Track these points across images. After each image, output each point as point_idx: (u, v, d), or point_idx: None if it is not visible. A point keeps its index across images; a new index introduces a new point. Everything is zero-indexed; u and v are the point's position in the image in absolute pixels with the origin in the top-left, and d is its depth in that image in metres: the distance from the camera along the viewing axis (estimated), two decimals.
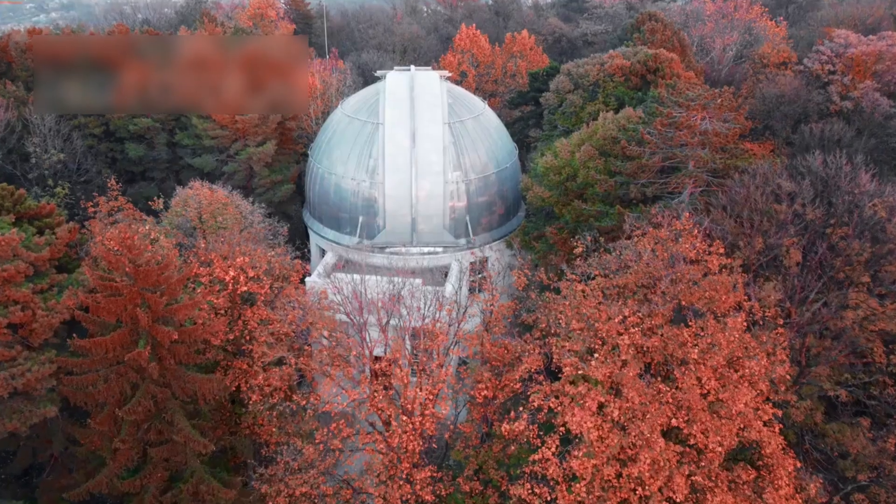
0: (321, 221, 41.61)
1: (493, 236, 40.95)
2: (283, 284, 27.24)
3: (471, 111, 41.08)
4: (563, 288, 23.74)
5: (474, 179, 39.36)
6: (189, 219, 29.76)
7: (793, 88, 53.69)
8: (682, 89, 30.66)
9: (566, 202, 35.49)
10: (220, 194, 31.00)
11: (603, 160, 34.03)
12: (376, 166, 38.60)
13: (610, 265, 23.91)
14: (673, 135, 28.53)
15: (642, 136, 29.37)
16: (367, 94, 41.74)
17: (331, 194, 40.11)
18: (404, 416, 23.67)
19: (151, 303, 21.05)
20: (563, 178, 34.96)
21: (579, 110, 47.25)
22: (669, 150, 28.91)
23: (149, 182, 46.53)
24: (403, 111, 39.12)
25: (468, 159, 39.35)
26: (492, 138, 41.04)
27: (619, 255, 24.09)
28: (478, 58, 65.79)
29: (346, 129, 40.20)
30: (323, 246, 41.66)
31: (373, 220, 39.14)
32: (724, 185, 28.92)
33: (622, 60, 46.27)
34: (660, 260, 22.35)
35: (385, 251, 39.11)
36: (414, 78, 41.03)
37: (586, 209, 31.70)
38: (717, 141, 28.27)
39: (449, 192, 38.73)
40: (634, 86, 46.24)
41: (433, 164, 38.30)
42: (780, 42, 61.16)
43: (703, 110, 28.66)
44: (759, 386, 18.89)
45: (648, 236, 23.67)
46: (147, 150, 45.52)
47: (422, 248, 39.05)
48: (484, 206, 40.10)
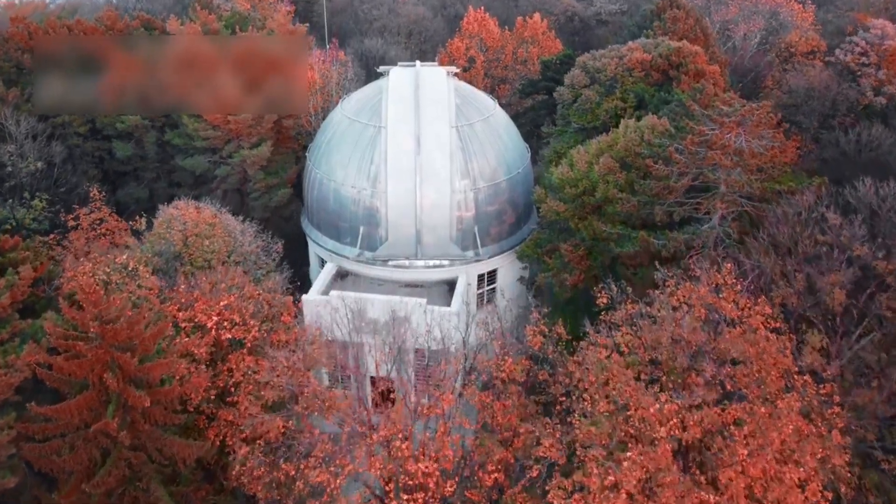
0: (319, 229, 39.09)
1: (503, 247, 38.38)
2: (274, 325, 24.83)
3: (480, 112, 38.22)
4: (587, 351, 21.27)
5: (483, 188, 36.68)
6: (173, 242, 27.30)
7: (822, 81, 50.51)
8: (715, 101, 27.76)
9: (583, 216, 32.87)
10: (206, 214, 28.47)
11: (624, 174, 31.29)
12: (378, 173, 35.94)
13: (641, 330, 21.24)
14: (704, 154, 25.77)
15: (670, 155, 26.60)
16: (368, 94, 38.88)
17: (329, 201, 37.54)
18: (405, 495, 21.38)
19: (122, 363, 18.78)
20: (579, 191, 32.27)
21: (595, 107, 44.30)
22: (700, 172, 26.18)
23: (139, 182, 44.00)
24: (407, 114, 36.31)
25: (477, 165, 36.63)
26: (502, 141, 38.24)
27: (652, 318, 21.37)
28: (487, 42, 62.49)
29: (345, 132, 37.46)
30: (322, 255, 39.22)
31: (374, 231, 36.61)
32: (759, 209, 26.23)
33: (642, 54, 43.17)
34: (697, 323, 19.78)
35: (388, 264, 36.65)
36: (419, 76, 38.12)
37: (606, 231, 29.06)
38: (753, 163, 25.50)
39: (456, 201, 36.09)
40: (655, 81, 43.19)
41: (439, 171, 35.60)
42: (807, 29, 57.61)
43: (737, 127, 25.83)
44: (812, 486, 16.56)
45: (684, 290, 21.08)
46: (136, 148, 42.91)
47: (427, 261, 36.57)
48: (493, 216, 37.48)
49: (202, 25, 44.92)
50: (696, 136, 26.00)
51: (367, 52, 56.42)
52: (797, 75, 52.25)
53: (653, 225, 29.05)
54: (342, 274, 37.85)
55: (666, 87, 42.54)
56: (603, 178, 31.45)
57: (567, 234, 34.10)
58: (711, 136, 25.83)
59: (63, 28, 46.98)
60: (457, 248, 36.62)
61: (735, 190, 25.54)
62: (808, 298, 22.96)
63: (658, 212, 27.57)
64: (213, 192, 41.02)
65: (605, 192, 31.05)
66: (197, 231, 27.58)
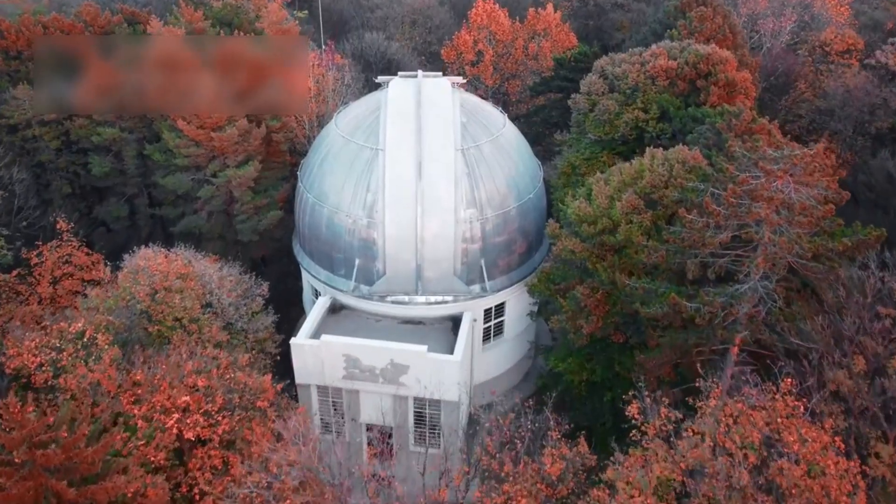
0: (312, 258, 35.82)
1: (513, 278, 35.06)
2: (252, 414, 21.66)
3: (488, 131, 34.58)
4: (618, 482, 18.09)
5: (491, 217, 33.23)
6: (139, 298, 24.09)
7: (860, 85, 46.53)
8: (758, 141, 24.10)
9: (602, 256, 29.47)
10: (177, 264, 25.18)
11: (650, 213, 27.79)
12: (375, 201, 32.52)
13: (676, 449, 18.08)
14: (747, 208, 22.25)
15: (706, 206, 23.07)
16: (365, 109, 35.23)
17: (322, 229, 34.19)
18: None
19: (58, 492, 15.78)
20: (598, 229, 28.81)
21: (614, 117, 40.57)
22: (741, 226, 22.70)
23: (118, 199, 40.70)
24: (408, 135, 32.75)
25: (484, 192, 33.14)
26: (512, 163, 34.67)
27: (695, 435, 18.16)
28: (496, 35, 58.41)
29: (340, 153, 33.96)
30: (315, 285, 36.01)
31: (371, 264, 33.31)
32: (809, 269, 22.78)
33: (667, 61, 39.29)
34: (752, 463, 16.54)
35: (386, 299, 33.41)
36: (421, 90, 34.44)
37: (630, 285, 25.66)
38: (806, 222, 21.97)
39: (461, 233, 32.69)
40: (681, 92, 39.38)
41: (442, 200, 32.15)
42: (843, 25, 53.27)
43: (786, 175, 22.27)
44: None
45: (731, 407, 17.76)
46: (115, 162, 39.54)
47: (428, 297, 33.32)
48: (502, 246, 34.09)
49: (186, 25, 41.15)
50: (737, 186, 22.44)
51: (366, 49, 52.49)
52: (832, 78, 48.28)
53: (682, 276, 25.62)
54: (336, 307, 34.67)
55: (693, 98, 38.79)
56: (626, 217, 27.97)
57: (584, 273, 30.74)
58: (756, 185, 22.27)
59: (38, 26, 43.36)
60: (461, 283, 33.33)
61: (781, 248, 22.06)
62: (871, 388, 19.72)
63: (690, 266, 24.12)
64: (198, 212, 37.80)
65: (628, 233, 27.59)
66: (167, 284, 24.39)
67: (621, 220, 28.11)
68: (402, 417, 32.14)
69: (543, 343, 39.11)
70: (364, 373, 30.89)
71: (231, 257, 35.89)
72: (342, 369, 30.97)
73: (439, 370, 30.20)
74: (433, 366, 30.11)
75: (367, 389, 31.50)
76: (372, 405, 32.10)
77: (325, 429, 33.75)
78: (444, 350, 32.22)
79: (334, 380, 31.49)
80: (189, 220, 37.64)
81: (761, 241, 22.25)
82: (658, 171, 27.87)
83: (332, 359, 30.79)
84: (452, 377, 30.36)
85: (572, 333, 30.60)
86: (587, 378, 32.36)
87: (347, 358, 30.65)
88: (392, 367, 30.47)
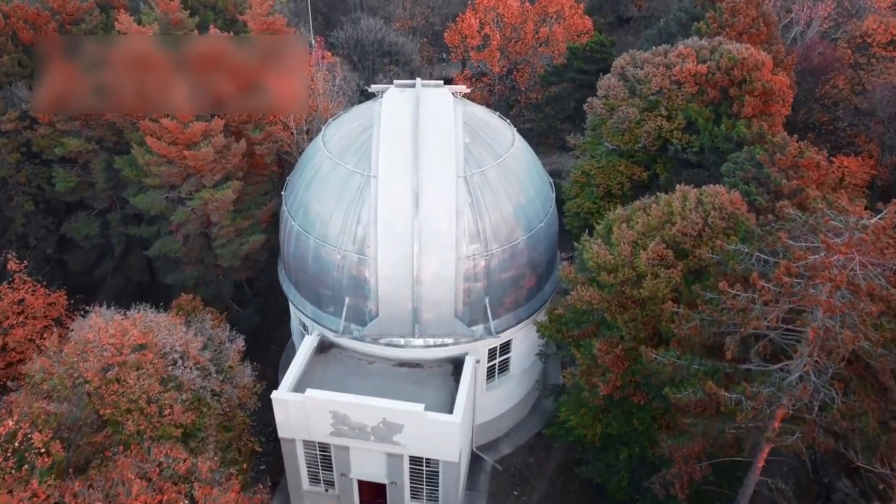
0: (298, 289, 32.40)
1: (520, 316, 31.63)
2: None
3: (494, 152, 30.69)
4: None
5: (497, 252, 29.62)
6: (87, 378, 20.74)
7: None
8: (816, 203, 20.28)
9: (622, 305, 26.01)
10: (134, 334, 21.70)
11: (680, 266, 24.18)
12: (367, 236, 28.91)
13: None
14: (802, 290, 18.65)
15: (753, 282, 19.44)
16: (357, 126, 31.28)
17: (308, 262, 30.68)
18: None
19: None
20: (619, 279, 25.27)
21: (634, 126, 36.71)
22: (794, 313, 19.15)
23: (88, 213, 37.06)
24: (404, 160, 28.94)
25: (489, 224, 29.46)
26: (521, 188, 30.86)
27: None
28: (504, 18, 53.73)
29: (327, 177, 30.21)
30: (303, 319, 32.67)
31: (363, 304, 29.89)
32: (876, 359, 19.27)
33: (696, 64, 35.19)
34: None
35: (379, 342, 30.10)
36: (419, 103, 30.49)
37: (658, 360, 22.20)
38: (875, 309, 18.35)
39: (462, 271, 29.14)
40: (711, 100, 35.36)
41: (442, 236, 28.51)
42: (886, 13, 48.42)
43: (851, 249, 18.60)
44: None
45: None
46: (83, 174, 35.82)
47: (426, 340, 29.98)
48: (509, 283, 30.57)
49: (160, 17, 36.86)
50: (792, 262, 18.78)
51: (363, 36, 48.02)
52: (875, 74, 43.84)
53: (718, 349, 22.16)
54: (326, 345, 31.40)
55: (725, 107, 34.73)
56: (652, 269, 24.37)
57: (601, 323, 27.31)
58: (814, 262, 18.60)
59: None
60: (463, 325, 29.93)
61: (844, 342, 18.50)
62: None
63: (729, 343, 20.61)
64: (174, 234, 34.26)
65: (655, 289, 24.05)
66: (121, 359, 21.06)
67: (647, 273, 24.53)
68: (396, 474, 29.16)
69: (552, 383, 35.92)
70: (354, 430, 27.78)
71: (208, 296, 32.62)
72: (329, 426, 27.86)
73: (438, 430, 27.07)
74: (431, 426, 26.96)
75: (358, 447, 28.45)
76: (364, 461, 29.10)
77: (314, 481, 30.84)
78: (444, 398, 29.12)
79: (321, 436, 28.43)
80: (164, 242, 34.10)
81: (817, 332, 18.69)
82: (691, 219, 24.14)
83: (318, 415, 27.65)
84: (453, 439, 27.23)
85: (587, 391, 27.35)
86: (602, 430, 29.20)
87: (335, 414, 27.51)
88: (385, 426, 27.33)
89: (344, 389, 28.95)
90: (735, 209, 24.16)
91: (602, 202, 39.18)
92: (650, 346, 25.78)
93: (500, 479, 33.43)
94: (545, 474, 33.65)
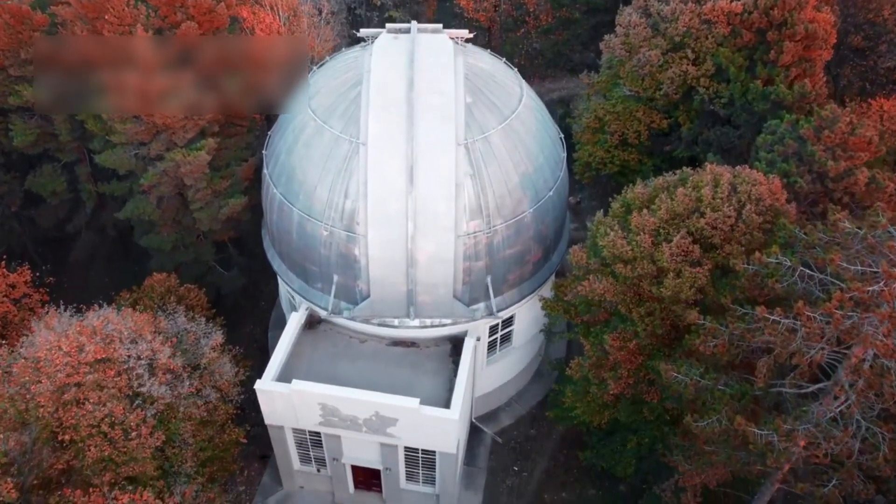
0: (283, 261, 29.79)
1: (524, 291, 29.17)
2: None
3: (499, 112, 27.14)
4: None
5: (501, 228, 26.74)
6: (39, 402, 18.43)
7: None
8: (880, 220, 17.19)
9: (639, 296, 23.49)
10: (92, 349, 19.20)
11: (707, 268, 21.38)
12: (356, 212, 25.97)
13: None
14: (855, 324, 16.04)
15: (797, 313, 16.75)
16: (343, 81, 27.55)
17: (293, 235, 27.89)
18: None
19: None
20: (637, 273, 22.59)
21: (657, 70, 32.85)
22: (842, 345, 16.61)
23: (54, 165, 33.83)
24: (396, 126, 25.52)
25: (492, 197, 26.42)
26: (529, 154, 27.55)
27: None
28: None
29: (311, 141, 26.87)
30: (290, 293, 30.27)
31: (353, 283, 27.36)
32: None
33: (730, 2, 30.88)
34: None
35: (372, 322, 27.81)
36: (415, 54, 26.71)
37: (680, 379, 19.85)
38: None
39: (462, 250, 26.39)
40: (746, 44, 31.36)
41: (440, 214, 25.55)
42: None
43: None
44: None
45: None
46: (44, 124, 32.35)
47: (423, 320, 27.67)
48: (513, 259, 27.89)
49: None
50: (846, 294, 16.02)
51: None
52: None
53: (747, 368, 19.82)
54: (315, 320, 29.17)
55: (760, 53, 30.69)
56: (674, 267, 21.61)
57: (614, 314, 24.86)
58: (872, 294, 15.88)
59: None
60: (462, 306, 27.53)
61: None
62: None
63: (761, 367, 18.22)
64: (147, 194, 31.25)
65: (677, 290, 21.41)
66: (78, 378, 18.75)
67: (668, 270, 21.80)
68: (391, 461, 27.68)
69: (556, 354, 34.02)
70: (345, 422, 25.99)
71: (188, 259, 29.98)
72: (318, 416, 26.06)
73: (434, 424, 25.25)
74: (427, 420, 25.11)
75: (350, 437, 26.78)
76: (356, 448, 27.54)
77: (305, 462, 29.47)
78: (441, 384, 27.24)
79: (310, 425, 26.70)
80: (136, 203, 31.12)
81: (867, 374, 16.23)
82: (723, 211, 21.11)
83: (306, 406, 25.78)
84: (450, 434, 25.46)
85: (595, 386, 25.30)
86: (609, 416, 27.43)
87: (324, 406, 25.63)
88: (378, 419, 25.51)
89: (334, 374, 27.03)
90: (774, 201, 21.10)
91: (616, 151, 35.93)
92: (668, 342, 23.61)
93: (500, 453, 32.08)
94: (547, 449, 32.28)
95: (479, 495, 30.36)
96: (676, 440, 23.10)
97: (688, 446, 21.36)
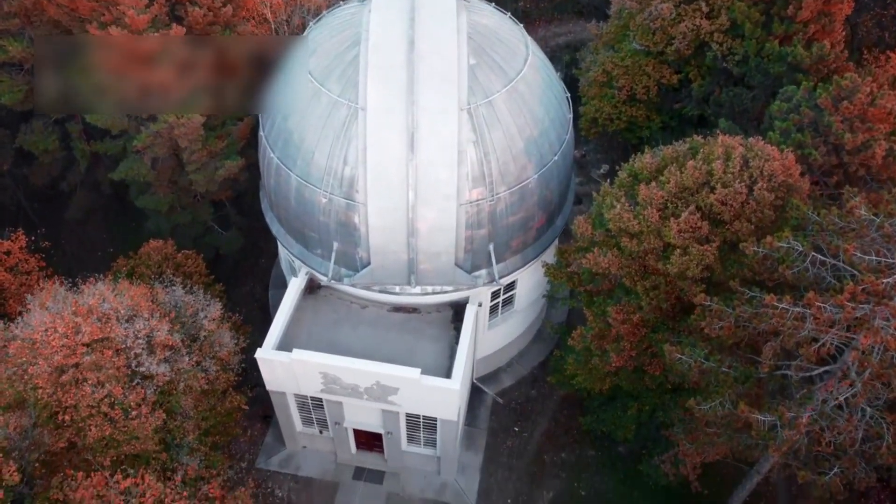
0: (282, 225, 29.27)
1: (527, 257, 28.75)
2: None
3: (504, 74, 26.07)
4: None
5: (505, 196, 26.10)
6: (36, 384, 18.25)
7: None
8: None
9: (644, 268, 23.11)
10: (89, 331, 18.93)
11: (715, 245, 20.86)
12: (355, 179, 25.29)
13: None
14: (866, 316, 15.67)
15: (808, 303, 16.35)
16: (340, 41, 26.38)
17: (291, 201, 27.29)
18: None
19: None
20: (643, 247, 22.13)
21: (669, 24, 31.60)
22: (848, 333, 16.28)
23: (44, 122, 32.91)
24: (396, 90, 24.54)
25: (496, 164, 25.67)
26: (534, 117, 26.62)
27: None
28: None
29: (309, 106, 25.94)
30: (289, 258, 29.89)
31: (353, 250, 26.92)
32: None
33: None
34: None
35: (373, 288, 27.53)
36: (415, 13, 25.48)
37: (684, 360, 19.65)
38: None
39: (464, 219, 25.83)
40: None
41: (442, 183, 24.86)
42: None
43: None
44: None
45: None
46: (32, 80, 31.24)
47: (424, 287, 27.38)
48: (516, 226, 27.35)
49: None
50: (858, 286, 15.58)
51: None
52: None
53: (752, 350, 19.59)
54: (315, 285, 28.91)
55: (779, 7, 29.29)
56: (682, 243, 21.11)
57: (619, 287, 24.49)
58: (887, 286, 15.43)
59: None
60: (464, 273, 27.16)
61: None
62: None
63: (767, 352, 17.98)
64: (141, 154, 30.49)
65: (684, 267, 20.99)
66: (76, 360, 18.55)
67: (676, 246, 21.32)
68: (392, 426, 27.89)
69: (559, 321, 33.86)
70: (346, 389, 26.04)
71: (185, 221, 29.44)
72: (320, 384, 26.08)
73: (435, 394, 25.28)
74: (428, 390, 25.12)
75: (352, 403, 26.89)
76: (358, 413, 27.71)
77: (307, 424, 29.75)
78: (443, 351, 27.20)
79: (311, 392, 26.77)
80: (130, 164, 30.38)
81: (875, 366, 15.95)
82: (734, 187, 20.43)
83: (307, 375, 25.77)
84: (452, 403, 25.51)
85: (597, 357, 25.18)
86: (610, 383, 27.45)
87: (325, 375, 25.61)
88: (379, 388, 25.53)
89: (335, 341, 26.96)
90: (787, 177, 20.40)
91: (624, 107, 34.97)
92: (672, 316, 23.34)
93: (501, 414, 32.35)
94: (547, 410, 32.53)
95: (479, 455, 30.76)
96: (678, 413, 23.13)
97: (688, 420, 21.34)
